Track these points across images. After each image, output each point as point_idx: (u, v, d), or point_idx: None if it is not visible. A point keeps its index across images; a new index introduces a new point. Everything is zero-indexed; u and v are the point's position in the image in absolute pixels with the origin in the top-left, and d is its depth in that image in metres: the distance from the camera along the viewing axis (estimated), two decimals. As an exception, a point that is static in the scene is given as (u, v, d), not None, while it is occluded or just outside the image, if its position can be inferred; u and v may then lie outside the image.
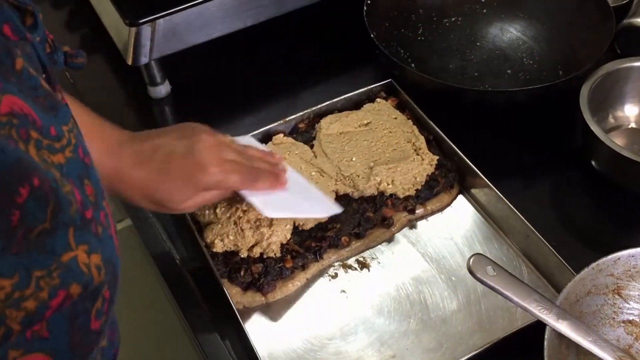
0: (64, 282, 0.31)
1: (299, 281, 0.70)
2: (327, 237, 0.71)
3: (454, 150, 0.77)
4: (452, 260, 0.71)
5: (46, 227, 0.31)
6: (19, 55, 0.35)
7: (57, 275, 0.31)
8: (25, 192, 0.30)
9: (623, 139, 0.82)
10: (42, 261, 0.31)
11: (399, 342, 0.65)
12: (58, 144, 0.35)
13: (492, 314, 0.67)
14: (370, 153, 0.77)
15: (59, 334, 0.32)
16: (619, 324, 0.63)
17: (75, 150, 0.37)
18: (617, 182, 0.77)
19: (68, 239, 0.32)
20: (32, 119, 0.34)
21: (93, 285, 0.33)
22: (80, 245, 0.33)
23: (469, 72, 0.92)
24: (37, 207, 0.31)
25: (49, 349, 0.31)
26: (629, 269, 0.62)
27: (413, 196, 0.75)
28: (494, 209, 0.74)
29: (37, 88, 0.36)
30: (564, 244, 0.71)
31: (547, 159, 0.82)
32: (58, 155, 0.35)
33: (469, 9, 0.98)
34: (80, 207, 0.34)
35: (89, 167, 0.38)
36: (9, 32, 0.35)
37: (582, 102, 0.75)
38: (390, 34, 0.92)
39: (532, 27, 0.95)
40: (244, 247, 0.69)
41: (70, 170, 0.35)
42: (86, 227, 0.34)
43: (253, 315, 0.68)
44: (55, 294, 0.31)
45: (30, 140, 0.33)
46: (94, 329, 0.35)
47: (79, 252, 0.33)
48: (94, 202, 0.36)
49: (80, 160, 0.37)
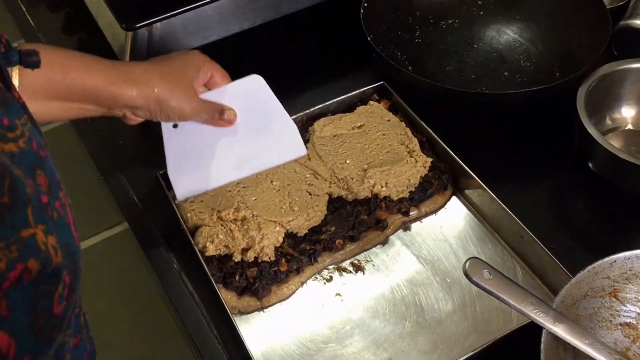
0: (22, 256, 0.32)
1: (294, 285, 0.70)
2: (322, 240, 0.71)
3: (448, 152, 0.77)
4: (447, 262, 0.71)
5: (5, 202, 0.32)
6: None
7: (15, 249, 0.32)
8: None
9: (620, 140, 0.82)
10: (1, 234, 0.32)
11: (394, 344, 0.65)
12: (11, 133, 0.36)
13: (487, 316, 0.67)
14: (364, 155, 0.77)
15: (20, 314, 0.32)
16: (616, 327, 0.63)
17: (29, 142, 0.38)
18: (614, 183, 0.76)
19: (27, 216, 0.34)
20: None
21: (52, 266, 0.34)
22: (39, 225, 0.34)
23: (466, 74, 0.92)
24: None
25: (10, 328, 0.32)
26: (625, 271, 0.62)
27: (407, 198, 0.75)
28: (488, 210, 0.74)
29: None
30: (560, 246, 0.71)
31: (544, 161, 0.82)
32: (10, 144, 0.36)
33: (466, 11, 0.98)
34: (35, 191, 0.35)
35: (43, 159, 0.39)
36: None
37: (579, 104, 0.75)
38: (388, 36, 0.92)
39: (529, 29, 0.95)
40: (237, 249, 0.69)
41: (21, 160, 0.36)
42: (43, 209, 0.35)
43: (249, 319, 0.68)
44: (13, 267, 0.32)
45: None
46: (57, 313, 0.35)
47: (37, 231, 0.34)
48: (47, 192, 0.37)
49: (34, 152, 0.38)
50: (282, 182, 0.74)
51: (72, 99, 0.64)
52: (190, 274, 0.71)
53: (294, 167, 0.76)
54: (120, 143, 0.87)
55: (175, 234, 0.74)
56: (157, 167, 0.77)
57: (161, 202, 0.78)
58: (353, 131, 0.80)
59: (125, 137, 0.87)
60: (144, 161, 0.84)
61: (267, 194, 0.73)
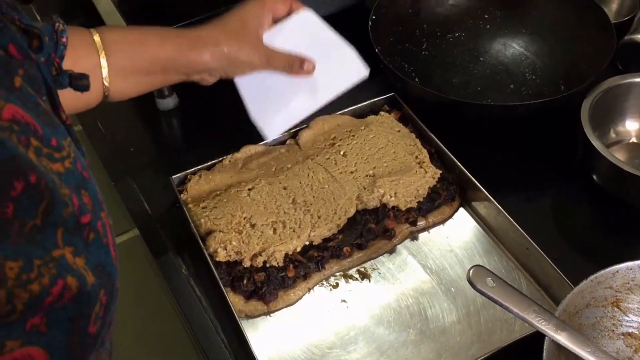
0: (60, 273, 0.33)
1: (301, 291, 0.70)
2: (330, 247, 0.72)
3: (455, 164, 0.78)
4: (452, 272, 0.72)
5: (37, 224, 0.33)
6: (19, 74, 0.38)
7: (53, 266, 0.33)
8: (20, 186, 0.32)
9: (624, 153, 0.83)
10: (37, 252, 0.33)
11: (398, 352, 0.66)
12: (58, 154, 0.37)
13: (490, 326, 0.67)
14: (373, 162, 0.78)
15: (57, 332, 0.33)
16: (618, 337, 0.64)
17: (74, 163, 0.39)
18: (617, 196, 0.77)
19: (56, 238, 0.34)
20: (34, 128, 0.36)
21: (89, 284, 0.35)
22: (66, 247, 0.35)
23: (472, 87, 0.93)
24: (30, 203, 0.33)
25: (46, 345, 0.32)
26: (627, 281, 0.63)
27: (415, 208, 0.76)
28: (494, 222, 0.75)
29: (37, 105, 0.38)
30: (564, 256, 0.71)
31: (548, 173, 0.83)
32: (57, 164, 0.37)
33: (472, 24, 0.99)
34: (77, 210, 0.36)
35: (87, 181, 0.40)
36: (14, 51, 0.38)
37: (583, 117, 0.76)
38: (395, 48, 0.94)
39: (535, 43, 0.96)
40: (247, 256, 0.70)
41: (68, 179, 0.37)
42: (78, 231, 0.36)
43: (255, 324, 0.69)
44: (55, 282, 0.33)
45: (30, 147, 0.35)
46: (91, 332, 0.36)
47: (65, 252, 0.34)
48: (91, 210, 0.38)
49: (79, 172, 0.39)
50: (304, 196, 0.75)
51: (154, 71, 0.68)
52: (199, 278, 0.72)
53: (319, 176, 0.77)
54: (131, 150, 0.88)
55: (184, 239, 0.76)
56: (167, 174, 0.78)
57: (171, 208, 0.79)
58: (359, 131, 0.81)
59: (135, 144, 0.89)
60: (155, 167, 0.86)
61: (284, 202, 0.74)
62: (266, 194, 0.75)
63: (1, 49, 0.37)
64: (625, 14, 0.96)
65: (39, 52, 0.42)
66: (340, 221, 0.73)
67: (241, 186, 0.76)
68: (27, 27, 0.41)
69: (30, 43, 0.42)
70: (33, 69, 0.40)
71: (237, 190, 0.75)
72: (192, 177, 0.78)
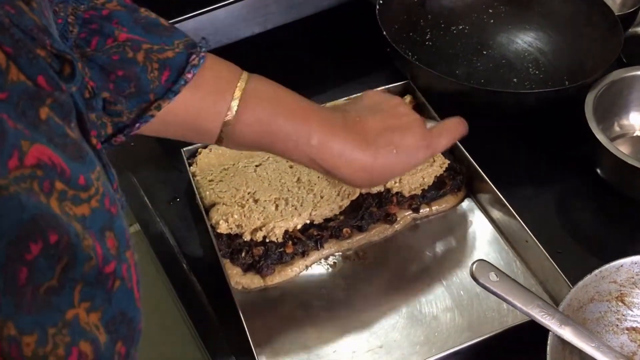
0: (74, 339, 0.31)
1: (298, 267, 0.71)
2: (330, 227, 0.72)
3: (464, 155, 0.77)
4: (450, 261, 0.72)
5: (54, 285, 0.30)
6: (47, 104, 0.35)
7: (66, 333, 0.30)
8: (36, 248, 0.29)
9: (628, 147, 0.82)
10: (51, 318, 0.30)
11: (388, 334, 0.66)
12: (85, 194, 0.34)
13: (483, 315, 0.67)
14: None
15: None
16: (623, 331, 0.63)
17: (102, 200, 0.36)
18: (622, 189, 0.77)
19: (73, 296, 0.32)
20: (61, 169, 0.33)
21: (102, 344, 0.32)
22: (82, 304, 0.32)
23: (475, 79, 0.92)
24: (47, 265, 0.30)
25: None
26: (632, 276, 0.62)
27: (419, 195, 0.75)
28: (497, 215, 0.75)
29: (65, 136, 0.35)
30: (568, 250, 0.71)
31: (553, 167, 0.82)
32: (83, 206, 0.34)
33: (477, 18, 0.98)
34: (101, 261, 0.33)
35: (114, 217, 0.37)
36: (44, 83, 0.35)
37: (587, 110, 0.76)
38: (400, 36, 0.93)
39: (539, 38, 0.95)
40: (248, 230, 0.70)
41: (93, 223, 0.34)
42: (100, 284, 0.33)
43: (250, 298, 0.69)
44: (70, 351, 0.30)
45: (53, 193, 0.32)
46: None
47: (79, 311, 0.32)
48: (115, 255, 0.35)
49: (106, 210, 0.36)
50: (309, 176, 0.75)
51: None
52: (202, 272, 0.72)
53: None
54: (131, 144, 0.88)
55: (187, 235, 0.75)
56: (168, 169, 0.78)
57: (171, 203, 0.79)
58: None
59: (136, 138, 0.88)
60: (156, 163, 0.85)
61: (289, 179, 0.74)
62: (272, 171, 0.75)
63: (29, 80, 0.34)
64: (630, 6, 0.94)
65: (70, 81, 0.38)
66: (342, 203, 0.73)
67: (249, 162, 0.77)
68: (60, 53, 0.37)
69: (62, 69, 0.37)
70: (64, 96, 0.37)
71: (245, 165, 0.76)
72: (202, 151, 0.79)
